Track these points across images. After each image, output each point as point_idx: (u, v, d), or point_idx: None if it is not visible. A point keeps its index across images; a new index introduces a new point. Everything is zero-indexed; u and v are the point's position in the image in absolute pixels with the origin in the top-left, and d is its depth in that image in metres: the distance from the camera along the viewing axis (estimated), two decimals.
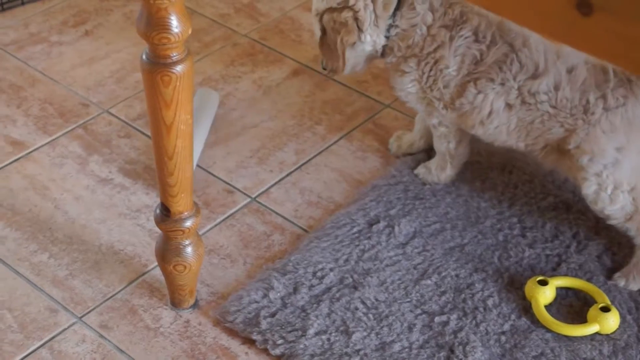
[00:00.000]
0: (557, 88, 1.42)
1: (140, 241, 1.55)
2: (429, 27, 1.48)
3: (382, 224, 1.56)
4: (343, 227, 1.56)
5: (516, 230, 1.55)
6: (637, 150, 1.41)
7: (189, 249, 1.36)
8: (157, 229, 1.51)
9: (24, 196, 1.63)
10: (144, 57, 1.19)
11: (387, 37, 1.51)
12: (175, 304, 1.44)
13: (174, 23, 1.15)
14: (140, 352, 1.38)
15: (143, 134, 1.76)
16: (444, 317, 1.41)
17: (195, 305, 1.45)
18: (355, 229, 1.55)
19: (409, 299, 1.44)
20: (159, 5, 1.13)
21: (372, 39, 1.51)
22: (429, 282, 1.46)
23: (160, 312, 1.44)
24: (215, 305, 1.45)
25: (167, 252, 1.36)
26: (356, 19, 1.49)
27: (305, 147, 1.75)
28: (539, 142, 1.47)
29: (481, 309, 1.42)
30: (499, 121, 1.48)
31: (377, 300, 1.43)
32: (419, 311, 1.42)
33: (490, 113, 1.47)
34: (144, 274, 1.50)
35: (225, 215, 1.61)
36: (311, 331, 1.38)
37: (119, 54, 1.96)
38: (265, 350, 1.38)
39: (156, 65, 1.18)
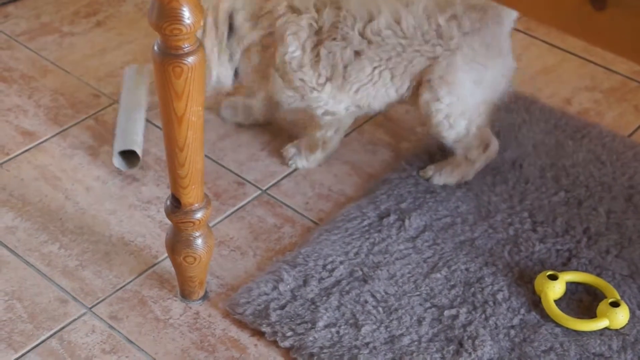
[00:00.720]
0: (397, 21, 1.46)
1: (150, 232, 1.55)
2: (260, 42, 1.53)
3: (392, 218, 1.56)
4: (353, 220, 1.55)
5: (527, 224, 1.55)
6: (490, 82, 1.50)
7: (199, 241, 1.36)
8: (167, 221, 1.51)
9: (34, 186, 1.63)
10: (155, 48, 1.19)
11: (234, 67, 1.56)
12: (185, 295, 1.44)
13: (186, 14, 1.15)
14: (150, 343, 1.38)
15: (154, 125, 1.76)
16: (453, 311, 1.41)
17: (205, 297, 1.45)
18: (365, 222, 1.55)
19: (418, 293, 1.43)
20: None
21: (219, 73, 1.55)
22: (438, 275, 1.46)
23: (170, 303, 1.44)
24: (225, 297, 1.45)
25: (177, 243, 1.36)
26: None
27: None
28: (405, 80, 1.52)
29: (491, 303, 1.42)
30: (357, 70, 1.50)
31: (386, 293, 1.43)
32: (428, 305, 1.42)
33: (345, 67, 1.51)
34: (154, 265, 1.50)
35: (236, 207, 1.61)
36: (320, 324, 1.38)
37: (131, 45, 1.96)
38: (275, 342, 1.38)
39: (168, 56, 1.18)
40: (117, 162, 1.64)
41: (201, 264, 1.39)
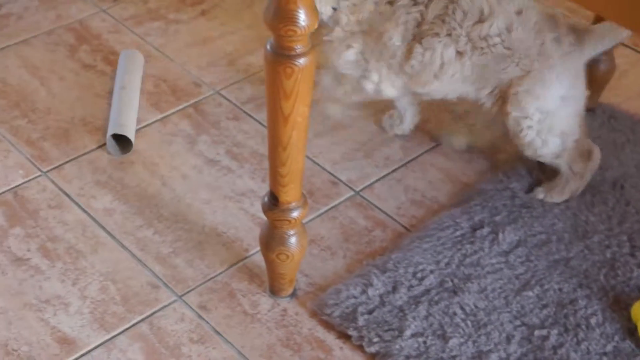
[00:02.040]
0: (509, 29, 1.45)
1: (243, 225, 1.57)
2: (376, 3, 1.49)
3: (486, 230, 1.54)
4: (446, 229, 1.54)
5: (625, 248, 1.51)
6: (574, 99, 1.50)
7: (293, 239, 1.37)
8: (260, 214, 1.53)
9: (133, 171, 1.66)
10: (267, 47, 1.20)
11: (334, 9, 1.50)
12: (274, 291, 1.45)
13: (302, 16, 1.15)
14: (237, 336, 1.39)
15: (252, 118, 1.77)
16: (544, 332, 1.38)
17: (294, 294, 1.45)
18: (458, 233, 1.53)
19: (509, 309, 1.41)
20: None
21: (320, 7, 1.48)
22: (530, 293, 1.44)
23: (258, 298, 1.45)
24: (313, 296, 1.45)
25: (271, 240, 1.37)
26: None
27: (412, 144, 1.74)
28: (490, 83, 1.50)
29: (583, 327, 1.39)
30: (453, 69, 1.49)
31: (476, 307, 1.41)
32: (518, 322, 1.39)
33: (442, 65, 1.49)
34: (244, 258, 1.51)
35: (328, 207, 1.61)
36: (408, 332, 1.37)
37: (233, 36, 1.97)
38: (361, 347, 1.37)
39: (280, 57, 1.18)
40: (110, 146, 1.67)
41: (293, 262, 1.39)
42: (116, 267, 1.49)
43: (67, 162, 1.66)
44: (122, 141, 1.68)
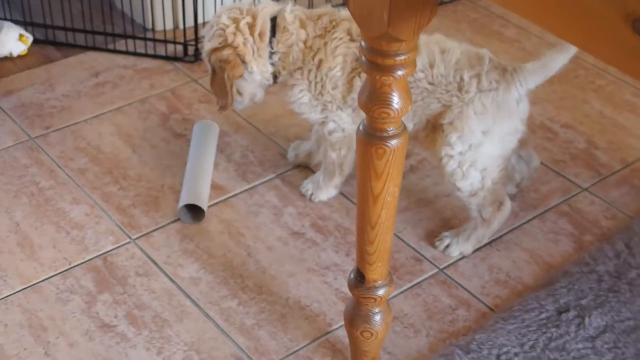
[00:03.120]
0: (431, 66, 1.57)
1: (326, 299, 1.57)
2: (304, 42, 1.63)
3: (572, 314, 1.51)
4: (531, 311, 1.52)
5: None
6: (498, 136, 1.56)
7: (377, 317, 1.37)
8: (343, 289, 1.53)
9: (219, 240, 1.69)
10: (360, 128, 1.22)
11: (272, 64, 1.66)
12: None
13: (395, 99, 1.17)
14: None
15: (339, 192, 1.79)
16: None
17: None
18: (543, 315, 1.51)
19: None
20: (383, 82, 1.15)
21: (259, 68, 1.66)
22: None
23: None
24: None
25: (356, 317, 1.37)
26: (238, 55, 1.64)
27: None
28: (422, 120, 1.61)
29: None
30: None
31: None
32: None
33: None
34: (327, 333, 1.52)
35: (412, 284, 1.61)
36: None
37: None
38: None
39: (372, 138, 1.20)
40: (182, 215, 1.70)
41: (377, 340, 1.39)
42: (201, 337, 1.50)
43: (155, 229, 1.70)
44: (195, 211, 1.72)
